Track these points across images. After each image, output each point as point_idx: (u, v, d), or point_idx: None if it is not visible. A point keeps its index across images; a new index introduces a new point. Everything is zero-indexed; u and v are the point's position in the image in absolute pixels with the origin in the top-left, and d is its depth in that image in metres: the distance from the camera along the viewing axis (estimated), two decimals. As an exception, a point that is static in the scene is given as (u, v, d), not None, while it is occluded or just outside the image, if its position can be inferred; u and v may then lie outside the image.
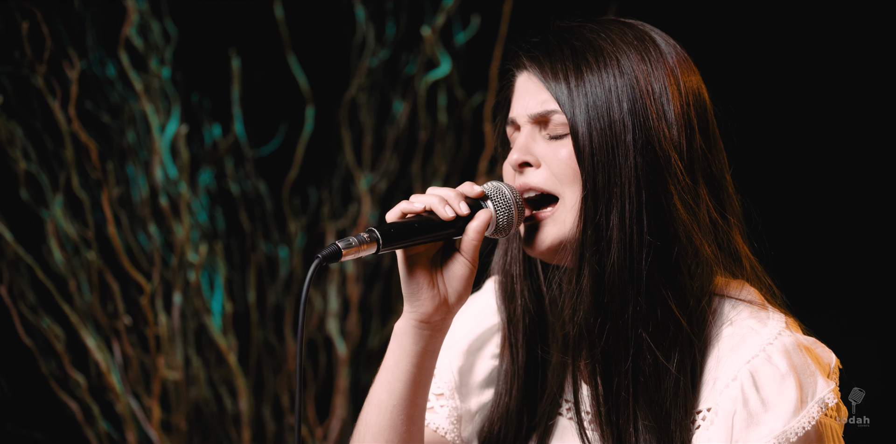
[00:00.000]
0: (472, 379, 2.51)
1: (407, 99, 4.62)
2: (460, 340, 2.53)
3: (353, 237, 2.22)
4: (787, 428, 2.19)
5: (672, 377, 2.26)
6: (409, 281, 2.30)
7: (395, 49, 4.64)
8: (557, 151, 2.31)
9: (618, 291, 2.27)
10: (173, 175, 4.37)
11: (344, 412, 4.53)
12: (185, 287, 4.37)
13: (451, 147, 4.63)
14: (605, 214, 2.26)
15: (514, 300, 2.45)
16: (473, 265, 2.31)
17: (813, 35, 4.51)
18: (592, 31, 2.34)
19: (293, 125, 4.62)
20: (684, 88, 2.31)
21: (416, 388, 2.34)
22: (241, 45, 4.53)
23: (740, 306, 2.32)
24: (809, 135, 4.59)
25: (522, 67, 2.38)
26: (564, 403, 2.44)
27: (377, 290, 4.64)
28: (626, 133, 2.27)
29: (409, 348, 2.33)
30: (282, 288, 4.61)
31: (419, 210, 2.29)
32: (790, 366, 2.22)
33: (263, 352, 4.57)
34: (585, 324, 2.29)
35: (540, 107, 2.32)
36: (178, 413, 4.36)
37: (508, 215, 2.31)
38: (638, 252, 2.26)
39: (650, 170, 2.26)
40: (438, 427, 2.48)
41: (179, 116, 4.42)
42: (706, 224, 2.29)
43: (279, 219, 4.63)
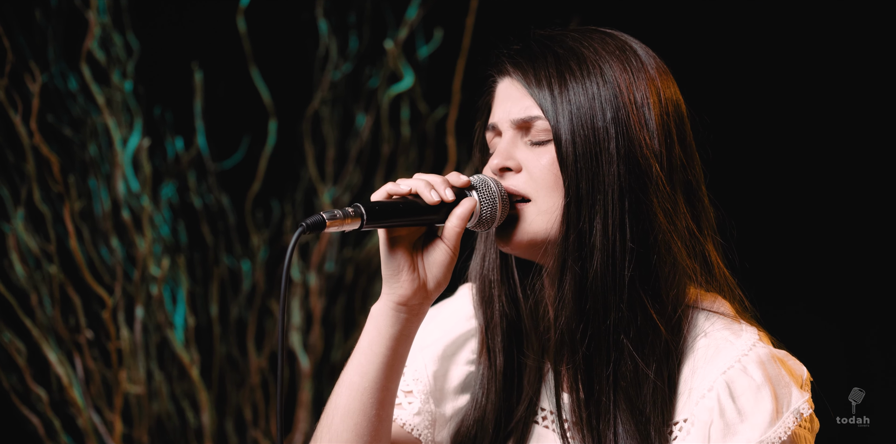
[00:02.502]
0: (446, 384, 2.51)
1: (370, 112, 4.63)
2: (434, 343, 2.53)
3: (337, 210, 2.22)
4: (763, 438, 2.21)
5: (652, 384, 2.27)
6: (390, 262, 2.31)
7: (357, 62, 4.65)
8: (539, 157, 2.32)
9: (600, 297, 2.28)
10: (135, 189, 4.35)
11: (307, 425, 4.52)
12: (148, 301, 4.35)
13: (415, 160, 4.64)
14: (589, 221, 2.28)
15: (491, 305, 2.45)
16: (454, 253, 2.32)
17: (786, 47, 4.55)
18: (575, 39, 2.36)
19: (256, 138, 4.61)
20: (664, 98, 2.32)
21: (389, 372, 2.34)
22: (203, 59, 4.53)
23: (713, 318, 2.34)
24: (778, 145, 4.62)
25: (505, 73, 2.38)
26: (540, 410, 2.44)
27: (340, 303, 4.64)
28: (609, 141, 2.28)
29: (384, 331, 2.33)
30: (244, 301, 4.60)
31: (405, 192, 2.30)
32: (765, 377, 2.23)
33: (226, 366, 4.56)
34: (567, 330, 2.30)
35: (523, 112, 2.33)
36: (140, 427, 4.34)
37: (492, 208, 2.32)
38: (620, 259, 2.27)
39: (632, 178, 2.28)
40: (406, 423, 2.48)
41: (141, 129, 4.41)
42: (683, 234, 2.31)
43: (242, 232, 4.62)
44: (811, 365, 2.38)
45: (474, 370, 2.50)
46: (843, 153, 4.54)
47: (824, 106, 4.55)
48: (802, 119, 4.57)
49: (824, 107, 4.55)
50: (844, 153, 4.54)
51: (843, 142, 4.56)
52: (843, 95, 4.51)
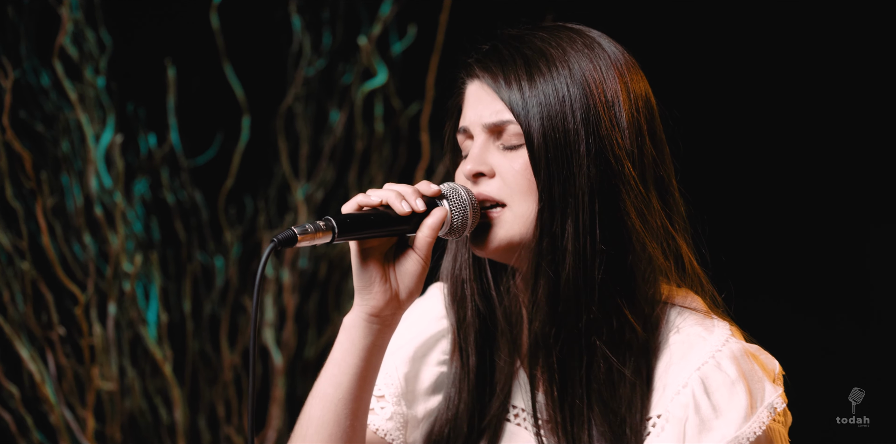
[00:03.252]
0: (418, 386, 2.51)
1: (343, 109, 4.63)
2: (404, 345, 2.53)
3: (308, 224, 2.22)
4: (738, 434, 2.21)
5: (626, 384, 2.28)
6: (362, 274, 2.31)
7: (331, 59, 4.64)
8: (513, 162, 2.32)
9: (573, 300, 2.28)
10: (108, 185, 4.34)
11: (280, 422, 4.51)
12: (120, 297, 4.34)
13: (388, 157, 4.63)
14: (561, 225, 2.28)
15: (464, 305, 2.45)
16: (426, 263, 2.32)
17: (753, 38, 4.57)
18: (543, 39, 2.35)
19: (229, 135, 4.60)
20: (634, 94, 2.33)
21: (363, 382, 2.34)
22: (176, 55, 4.51)
23: (686, 314, 2.34)
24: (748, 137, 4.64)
25: (474, 76, 2.38)
26: (512, 408, 2.45)
27: (313, 300, 4.63)
28: (580, 143, 2.28)
29: (357, 342, 2.33)
30: (217, 298, 4.59)
31: (375, 204, 2.30)
32: (739, 372, 2.24)
33: (199, 362, 4.55)
34: (541, 333, 2.30)
35: (494, 117, 2.33)
36: (112, 424, 4.33)
37: (463, 216, 2.32)
38: (591, 261, 2.27)
39: (604, 179, 2.28)
40: (378, 429, 2.49)
41: (114, 125, 4.39)
42: (657, 231, 2.31)
43: (215, 229, 4.61)
44: (783, 357, 2.39)
45: (445, 370, 2.50)
46: (812, 143, 4.57)
47: (793, 97, 4.57)
48: (772, 111, 4.59)
49: (793, 98, 4.58)
50: (813, 143, 4.57)
51: (811, 132, 4.58)
52: (810, 86, 4.53)
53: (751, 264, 4.52)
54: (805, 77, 4.55)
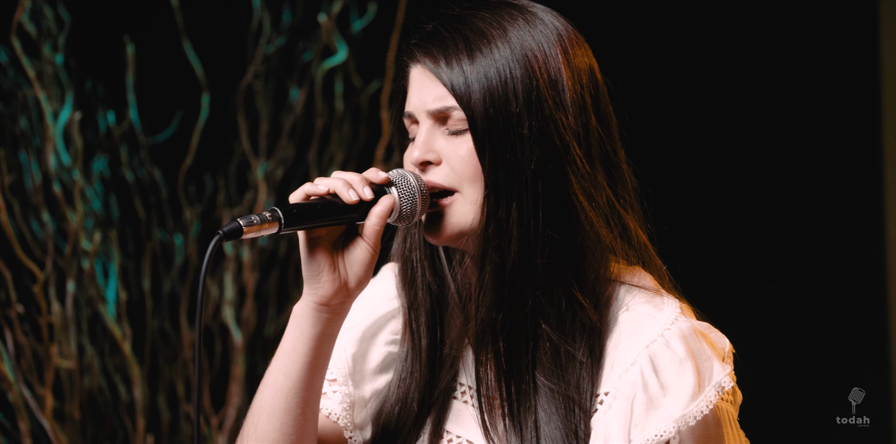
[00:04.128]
0: (366, 366, 2.51)
1: (303, 86, 4.62)
2: (355, 326, 2.53)
3: (255, 215, 2.21)
4: (686, 412, 2.22)
5: (575, 365, 2.28)
6: (310, 263, 2.30)
7: (291, 36, 4.63)
8: (458, 148, 2.31)
9: (518, 284, 2.28)
10: (67, 162, 4.32)
11: (240, 400, 4.51)
12: (79, 275, 4.33)
13: (348, 135, 4.63)
14: (506, 210, 2.27)
15: (414, 285, 2.45)
16: (375, 251, 2.32)
17: (699, 10, 4.59)
18: (484, 19, 2.33)
19: (188, 112, 4.59)
20: (577, 69, 2.32)
21: (313, 371, 2.34)
22: (135, 32, 4.50)
23: (635, 291, 2.34)
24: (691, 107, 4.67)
25: (416, 60, 2.36)
26: (459, 386, 2.45)
27: (273, 278, 4.63)
28: (523, 125, 2.27)
29: (307, 331, 2.33)
30: (177, 276, 4.59)
31: (323, 193, 2.29)
32: (688, 351, 2.25)
33: (158, 340, 4.55)
34: (488, 318, 2.31)
35: (438, 103, 2.31)
36: (71, 402, 4.32)
37: (412, 203, 2.31)
38: (536, 245, 2.27)
39: (548, 160, 2.27)
40: (331, 413, 2.48)
41: (73, 102, 4.37)
42: (605, 209, 2.31)
43: (174, 206, 4.60)
44: (731, 330, 2.40)
45: (394, 350, 2.50)
46: (753, 110, 4.60)
47: (731, 66, 4.60)
48: (712, 80, 4.63)
49: (731, 67, 4.61)
50: (754, 110, 4.60)
51: (752, 100, 4.62)
52: (749, 56, 4.56)
53: (697, 234, 4.54)
54: (745, 47, 4.58)
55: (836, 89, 4.63)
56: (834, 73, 4.63)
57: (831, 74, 4.62)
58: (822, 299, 4.65)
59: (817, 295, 4.66)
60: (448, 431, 2.42)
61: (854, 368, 4.59)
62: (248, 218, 2.21)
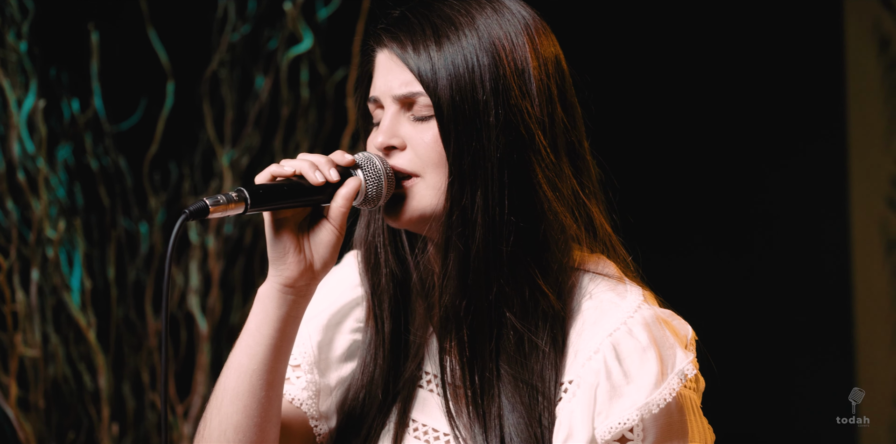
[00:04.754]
0: (331, 354, 2.51)
1: (269, 74, 4.61)
2: (319, 314, 2.52)
3: (221, 195, 2.21)
4: (649, 400, 2.23)
5: (539, 354, 2.29)
6: (276, 244, 2.30)
7: (256, 24, 4.62)
8: (423, 134, 2.31)
9: (482, 272, 2.29)
10: (31, 150, 4.31)
11: (205, 388, 4.51)
12: (44, 264, 4.31)
13: (314, 123, 4.62)
14: (471, 197, 2.27)
15: (378, 271, 2.45)
16: (340, 233, 2.32)
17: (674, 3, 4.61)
18: (452, 6, 2.34)
19: (153, 100, 4.58)
20: (544, 59, 2.32)
21: (278, 353, 2.34)
22: (99, 20, 4.48)
23: (598, 280, 2.35)
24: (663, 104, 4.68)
25: (383, 45, 2.36)
26: (425, 375, 2.46)
27: (239, 266, 4.63)
28: (489, 113, 2.27)
29: (272, 313, 2.33)
30: (142, 264, 4.58)
31: (289, 174, 2.29)
32: (651, 339, 2.25)
33: (123, 329, 4.54)
34: (451, 305, 2.31)
35: (404, 88, 2.32)
36: (35, 391, 4.31)
37: (378, 186, 2.31)
38: (500, 233, 2.27)
39: (514, 149, 2.28)
40: (294, 398, 2.48)
41: (37, 90, 4.35)
42: (569, 199, 2.32)
43: (139, 195, 4.59)
44: (695, 319, 2.41)
45: (359, 338, 2.50)
46: (723, 105, 4.62)
47: (695, 59, 4.62)
48: (677, 71, 4.64)
49: (695, 60, 4.63)
50: (724, 105, 4.62)
51: (714, 90, 4.64)
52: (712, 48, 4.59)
53: (663, 223, 4.56)
54: (708, 37, 4.60)
55: (799, 75, 4.65)
56: (798, 59, 4.65)
57: (795, 62, 4.65)
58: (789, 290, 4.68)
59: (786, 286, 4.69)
60: (414, 419, 2.43)
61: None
62: (214, 198, 2.21)
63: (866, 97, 4.62)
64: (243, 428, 2.35)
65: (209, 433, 2.36)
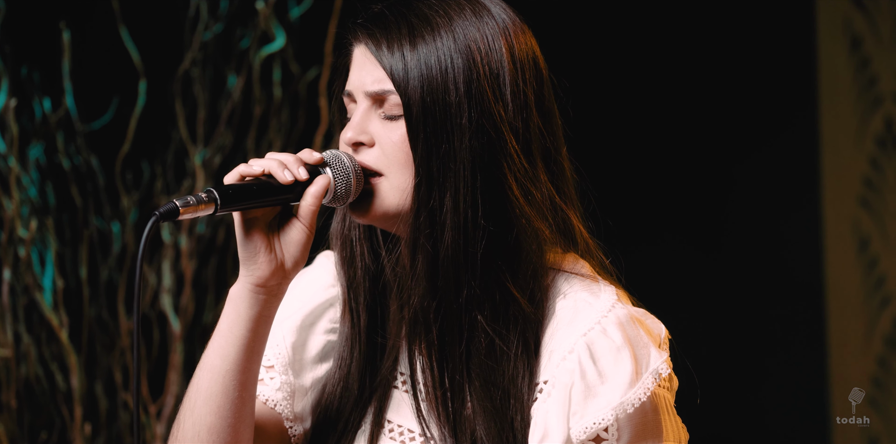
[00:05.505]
0: (305, 355, 2.51)
1: (241, 73, 4.60)
2: (292, 315, 2.52)
3: (190, 196, 2.21)
4: (623, 400, 2.23)
5: (509, 358, 2.29)
6: (246, 244, 2.30)
7: (228, 23, 4.61)
8: (391, 133, 2.31)
9: (452, 275, 2.28)
10: (2, 150, 4.29)
11: (178, 388, 4.50)
12: (15, 263, 4.30)
13: (287, 122, 4.62)
14: (439, 199, 2.27)
15: (353, 265, 2.45)
16: (311, 231, 2.31)
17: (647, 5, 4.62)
18: (430, 6, 2.33)
19: (125, 99, 4.56)
20: (521, 64, 2.32)
21: (250, 354, 2.34)
22: (71, 18, 4.46)
23: (573, 279, 2.35)
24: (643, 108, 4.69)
25: (359, 40, 2.36)
26: (400, 375, 2.45)
27: (212, 266, 4.62)
28: (461, 116, 2.27)
29: (244, 313, 2.32)
30: (114, 263, 4.56)
31: (258, 173, 2.29)
32: (625, 338, 2.26)
33: (96, 328, 4.52)
34: (420, 307, 2.31)
35: (376, 85, 2.32)
36: (7, 391, 4.29)
37: (347, 183, 2.31)
38: (472, 236, 2.27)
39: (485, 153, 2.27)
40: (268, 399, 2.48)
41: (8, 89, 4.34)
42: (544, 205, 2.32)
43: (111, 194, 4.57)
44: (668, 317, 2.41)
45: (333, 339, 2.50)
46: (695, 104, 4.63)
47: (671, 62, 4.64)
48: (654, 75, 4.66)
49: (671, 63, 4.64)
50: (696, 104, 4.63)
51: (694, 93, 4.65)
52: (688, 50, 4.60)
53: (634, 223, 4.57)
54: (680, 36, 4.62)
55: (771, 74, 4.66)
56: (769, 58, 4.66)
57: (767, 61, 4.66)
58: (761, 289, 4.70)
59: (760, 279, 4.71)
60: (389, 420, 2.43)
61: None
62: (184, 199, 2.21)
63: (838, 96, 4.64)
64: (217, 429, 2.34)
65: (183, 434, 2.36)
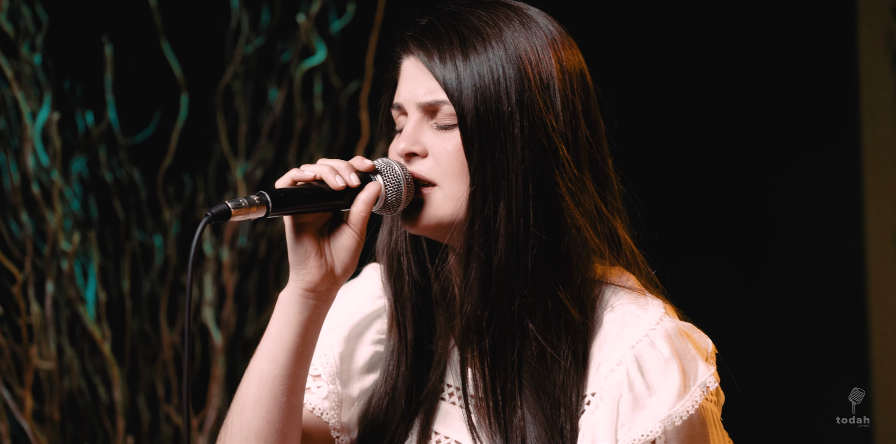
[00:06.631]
0: (353, 365, 2.51)
1: (282, 87, 4.61)
2: (340, 325, 2.53)
3: (242, 198, 2.22)
4: (672, 412, 2.23)
5: (560, 366, 2.28)
6: (297, 249, 2.31)
7: (270, 36, 4.63)
8: (445, 142, 2.32)
9: (505, 283, 2.29)
10: (45, 163, 4.31)
11: (220, 401, 4.51)
12: (58, 276, 4.32)
13: (327, 135, 4.63)
14: (493, 207, 2.28)
15: (400, 278, 2.45)
16: (361, 238, 2.32)
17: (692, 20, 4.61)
18: (480, 17, 2.34)
19: (167, 112, 4.58)
20: (569, 75, 2.33)
21: (299, 358, 2.34)
22: (113, 32, 4.48)
23: (620, 292, 2.35)
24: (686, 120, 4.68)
25: (409, 52, 2.37)
26: (447, 387, 2.45)
27: (253, 279, 4.63)
28: (514, 126, 2.28)
29: (293, 318, 2.33)
30: (156, 277, 4.58)
31: (309, 178, 2.29)
32: (673, 351, 2.25)
33: (138, 341, 4.54)
34: (473, 315, 2.31)
35: (429, 96, 2.32)
36: (51, 404, 4.31)
37: (398, 191, 2.32)
38: (524, 244, 2.28)
39: (537, 162, 2.28)
40: (315, 407, 2.48)
41: (51, 103, 4.36)
42: (592, 214, 2.32)
43: (153, 207, 4.59)
44: (717, 334, 2.40)
45: (380, 349, 2.50)
46: (746, 123, 4.61)
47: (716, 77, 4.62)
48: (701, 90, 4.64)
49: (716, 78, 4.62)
50: (747, 123, 4.61)
51: (745, 112, 4.63)
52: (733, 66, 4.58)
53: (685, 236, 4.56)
54: (723, 51, 4.60)
55: (813, 87, 4.64)
56: (811, 71, 4.65)
57: (809, 74, 4.64)
58: (804, 297, 4.67)
59: (801, 293, 4.68)
60: (436, 431, 2.43)
61: (834, 365, 4.61)
62: (236, 201, 2.21)
63: (879, 108, 4.62)
64: (264, 434, 2.35)
65: (230, 438, 2.36)
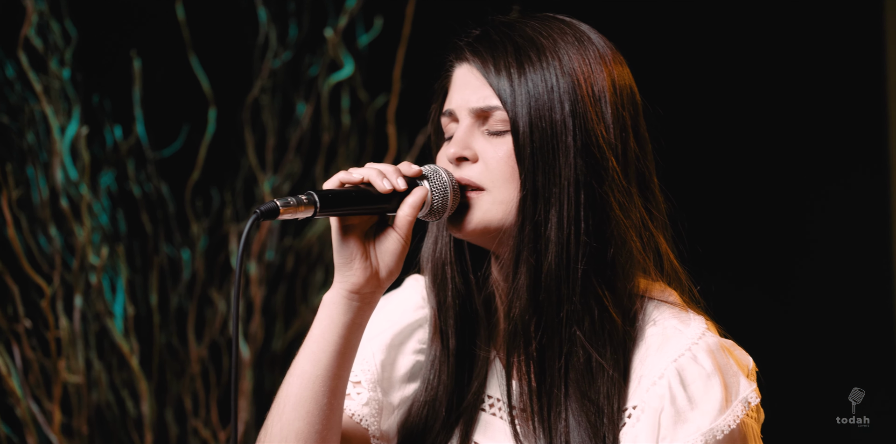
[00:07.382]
0: (394, 373, 2.52)
1: (310, 101, 4.62)
2: (381, 333, 2.54)
3: (291, 197, 2.23)
4: (713, 426, 2.23)
5: (605, 375, 2.29)
6: (343, 250, 2.32)
7: (297, 50, 4.64)
8: (497, 148, 2.33)
9: (554, 289, 2.29)
10: (74, 177, 4.32)
11: (247, 414, 4.51)
12: (87, 290, 4.32)
13: (355, 149, 4.64)
14: (544, 214, 2.29)
15: (444, 287, 2.46)
16: (406, 242, 2.33)
17: (737, 38, 4.60)
18: (534, 29, 2.36)
19: (195, 127, 4.59)
20: (619, 89, 2.34)
21: (342, 360, 2.35)
22: (142, 46, 4.50)
23: (662, 307, 2.36)
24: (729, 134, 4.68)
25: (464, 60, 2.39)
26: (487, 398, 2.46)
27: (281, 293, 4.63)
28: (567, 134, 2.29)
29: (337, 319, 2.33)
30: (184, 290, 4.59)
31: (357, 181, 2.30)
32: (715, 365, 2.26)
33: (166, 355, 4.54)
34: (521, 321, 2.32)
35: (482, 102, 2.34)
36: (79, 417, 4.32)
37: (444, 198, 2.33)
38: (574, 252, 2.29)
39: (589, 171, 2.29)
40: (354, 413, 2.49)
41: (80, 117, 4.38)
42: (638, 226, 2.33)
43: (181, 221, 4.60)
44: (758, 351, 2.40)
45: (422, 359, 2.51)
46: (789, 141, 4.61)
47: (762, 95, 4.61)
48: (748, 108, 4.64)
49: (762, 96, 4.61)
50: (790, 141, 4.61)
51: (785, 128, 4.62)
52: (782, 85, 4.57)
53: (729, 257, 4.55)
54: (778, 75, 4.59)
55: (841, 108, 4.64)
56: (839, 91, 4.64)
57: (837, 95, 4.64)
58: (825, 300, 4.66)
59: (819, 296, 4.67)
60: (476, 442, 2.43)
61: (857, 368, 4.60)
62: (284, 200, 2.23)
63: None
64: (304, 435, 2.35)
65: (270, 439, 2.36)
